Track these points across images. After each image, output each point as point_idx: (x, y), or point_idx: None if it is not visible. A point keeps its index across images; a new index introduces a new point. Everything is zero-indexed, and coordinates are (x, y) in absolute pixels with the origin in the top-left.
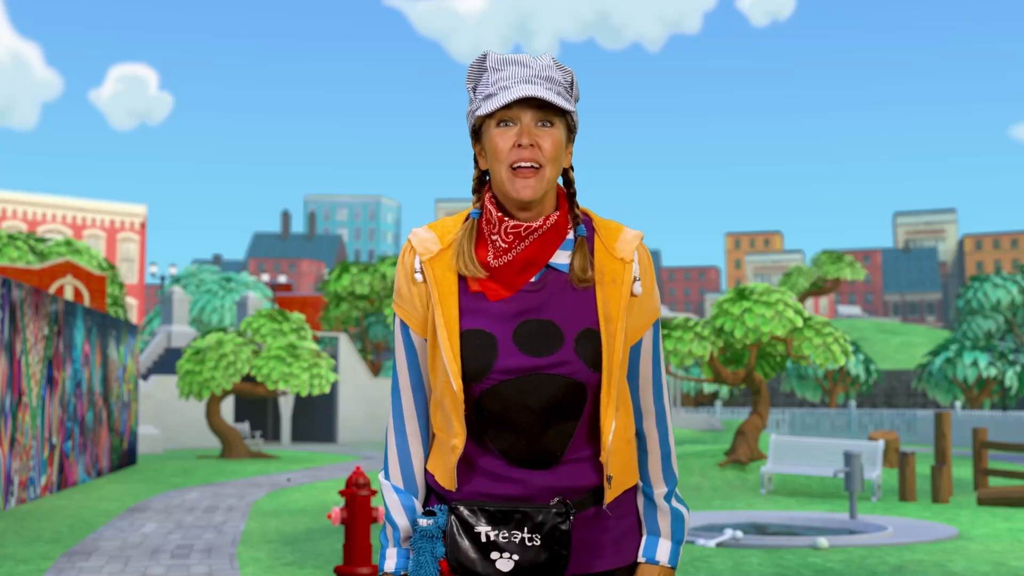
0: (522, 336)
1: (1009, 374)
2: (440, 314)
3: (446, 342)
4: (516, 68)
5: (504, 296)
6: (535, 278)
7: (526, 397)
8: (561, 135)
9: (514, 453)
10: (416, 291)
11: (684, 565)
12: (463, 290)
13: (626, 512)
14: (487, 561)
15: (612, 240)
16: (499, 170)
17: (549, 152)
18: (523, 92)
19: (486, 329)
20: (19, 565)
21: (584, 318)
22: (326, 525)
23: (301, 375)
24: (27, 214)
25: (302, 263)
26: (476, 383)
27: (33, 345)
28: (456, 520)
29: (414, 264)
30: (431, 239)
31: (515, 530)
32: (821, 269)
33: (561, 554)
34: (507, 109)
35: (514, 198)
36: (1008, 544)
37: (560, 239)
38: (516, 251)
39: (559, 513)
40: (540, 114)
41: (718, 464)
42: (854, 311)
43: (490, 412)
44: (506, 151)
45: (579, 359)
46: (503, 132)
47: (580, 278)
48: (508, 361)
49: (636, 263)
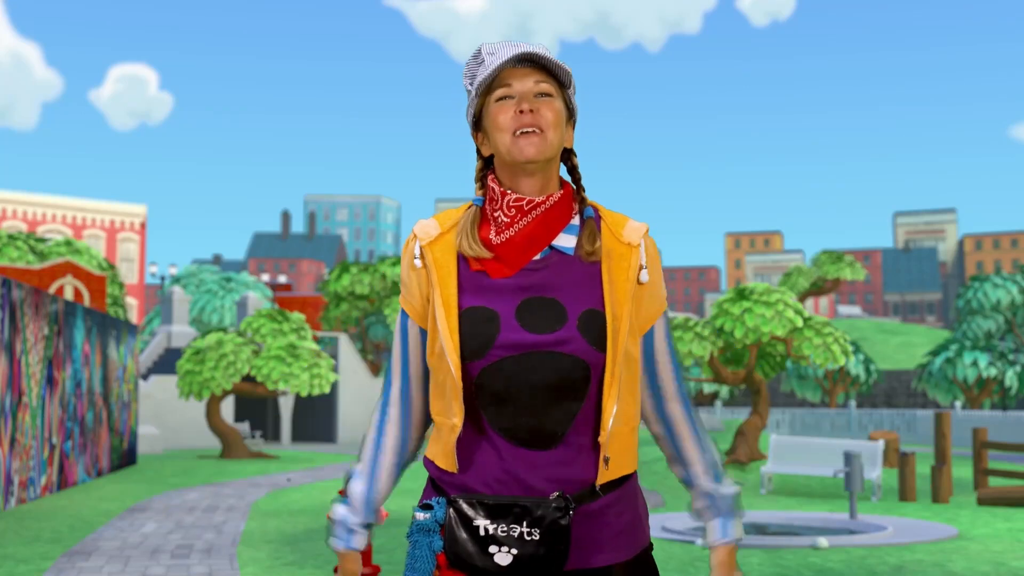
0: (524, 313)
1: (1009, 374)
2: (439, 293)
3: (443, 320)
4: (509, 47)
5: (506, 274)
6: (539, 256)
7: (529, 374)
8: (560, 106)
9: (516, 432)
10: (416, 277)
11: (684, 565)
12: (464, 269)
13: (625, 508)
14: (485, 555)
15: (619, 227)
16: (502, 139)
17: (550, 118)
18: (516, 51)
19: (487, 305)
20: (19, 565)
21: (589, 298)
22: (326, 525)
23: (301, 375)
24: (27, 214)
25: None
26: (477, 360)
27: (33, 345)
28: (455, 513)
29: (414, 251)
30: (432, 225)
31: (514, 524)
32: (821, 269)
33: (559, 549)
34: (507, 87)
35: (519, 159)
36: (1008, 544)
37: (565, 220)
38: (518, 226)
39: (558, 507)
40: (537, 79)
41: None
42: (854, 311)
43: (491, 390)
44: (508, 120)
45: (582, 338)
46: (503, 105)
47: (588, 251)
48: (509, 336)
49: (643, 251)
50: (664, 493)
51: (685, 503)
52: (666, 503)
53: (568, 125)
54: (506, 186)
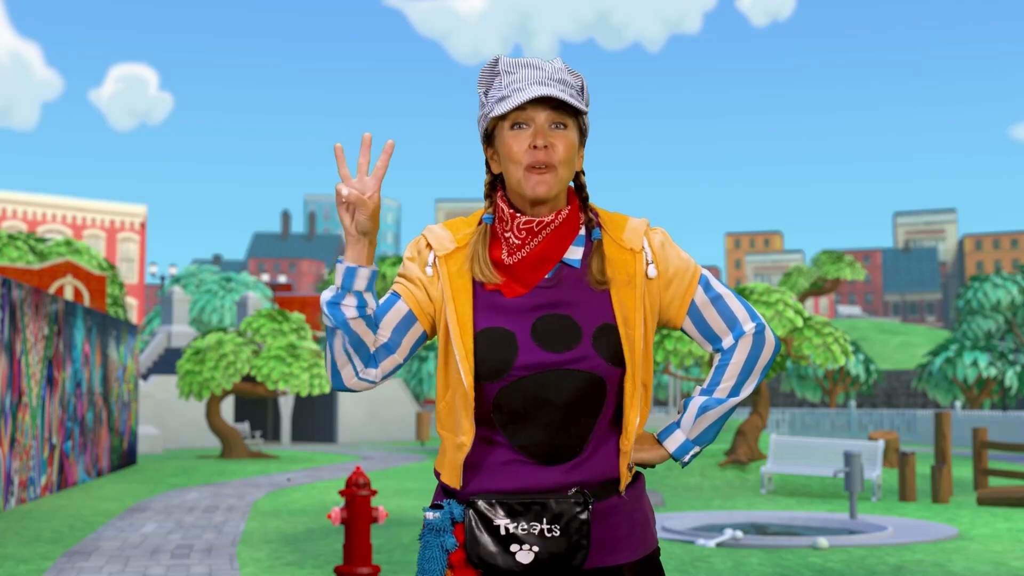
0: (540, 332)
1: (1009, 374)
2: (452, 311)
3: (458, 339)
4: (529, 70)
5: (520, 293)
6: (549, 274)
7: (547, 393)
8: (574, 138)
9: (533, 449)
10: (426, 280)
11: (684, 565)
12: (478, 288)
13: (636, 508)
14: (507, 554)
15: (619, 232)
16: (514, 171)
17: (562, 154)
18: (538, 92)
19: (504, 326)
20: (19, 565)
21: (601, 313)
22: (326, 525)
23: (301, 375)
24: (27, 214)
25: (302, 263)
26: (495, 380)
27: (33, 345)
28: (474, 514)
29: (428, 258)
30: (447, 237)
31: (534, 521)
32: (821, 269)
33: (581, 544)
34: (521, 111)
35: (529, 196)
36: (1008, 544)
37: (573, 235)
38: (529, 247)
39: (577, 503)
40: (554, 115)
41: (718, 464)
42: (854, 311)
43: (509, 409)
44: (521, 153)
45: (597, 354)
46: (517, 134)
47: (598, 280)
48: (528, 357)
49: (648, 249)
50: (664, 493)
51: (685, 503)
52: (666, 503)
53: (580, 147)
54: (516, 208)
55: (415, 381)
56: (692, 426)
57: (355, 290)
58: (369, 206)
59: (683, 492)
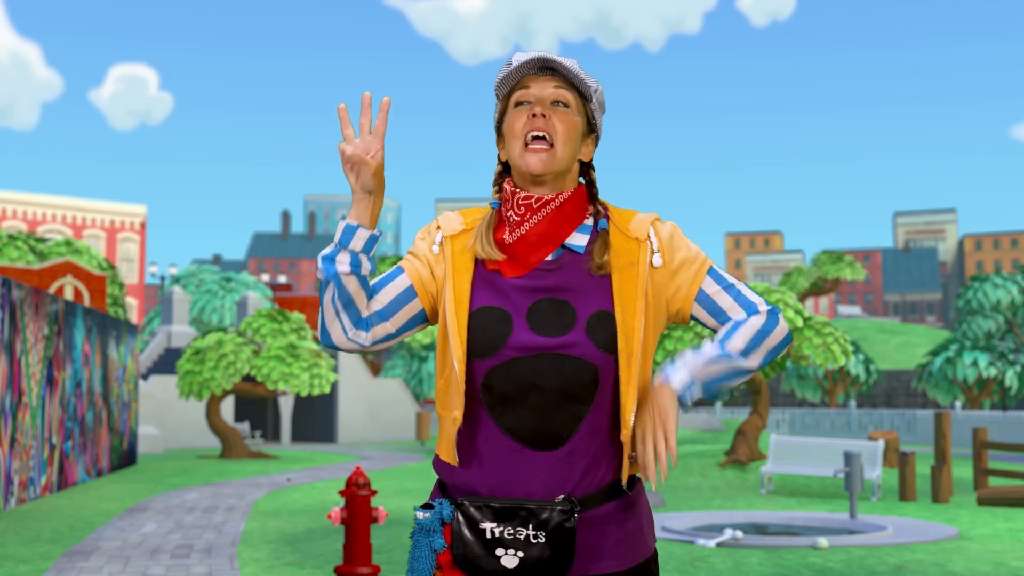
0: (535, 315)
1: (1009, 374)
2: (451, 287)
3: (453, 315)
4: (536, 54)
5: (520, 274)
6: (551, 257)
7: (537, 377)
8: (577, 120)
9: (521, 433)
10: (431, 256)
11: (684, 565)
12: (479, 268)
13: (629, 516)
14: (492, 557)
15: (625, 223)
16: (515, 146)
17: (562, 132)
18: (534, 55)
19: (500, 306)
20: (19, 565)
21: (599, 300)
22: (326, 525)
23: (301, 375)
24: (27, 214)
25: (302, 263)
26: (487, 358)
27: (33, 345)
28: (462, 516)
29: (436, 237)
30: (456, 219)
31: (520, 527)
32: (821, 269)
33: (565, 552)
34: (525, 89)
35: (524, 169)
36: (1008, 544)
37: (577, 219)
38: (529, 224)
39: (564, 511)
40: (556, 94)
41: (718, 464)
42: (854, 311)
43: (500, 390)
44: (520, 126)
45: (590, 341)
46: (519, 111)
47: (598, 264)
48: (520, 338)
49: (654, 239)
50: (664, 493)
51: (685, 503)
52: (666, 503)
53: (589, 140)
54: (519, 188)
55: (415, 381)
56: (700, 368)
57: (351, 249)
58: (372, 165)
59: (683, 492)
